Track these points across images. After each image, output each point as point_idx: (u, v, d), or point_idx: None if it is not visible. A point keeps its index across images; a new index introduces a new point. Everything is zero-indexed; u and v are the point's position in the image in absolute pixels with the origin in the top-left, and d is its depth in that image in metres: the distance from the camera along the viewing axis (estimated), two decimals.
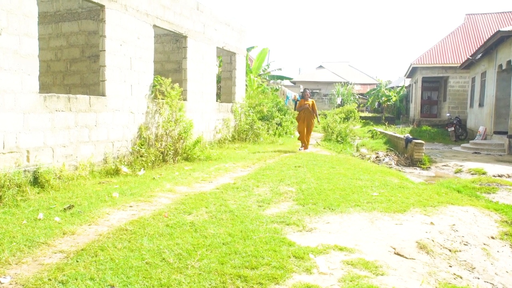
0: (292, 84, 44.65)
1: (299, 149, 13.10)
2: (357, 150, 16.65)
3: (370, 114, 41.15)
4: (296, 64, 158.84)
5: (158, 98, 10.32)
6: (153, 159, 9.33)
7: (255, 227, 5.05)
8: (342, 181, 7.90)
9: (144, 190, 7.01)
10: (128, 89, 9.31)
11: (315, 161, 10.46)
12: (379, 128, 24.42)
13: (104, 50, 8.62)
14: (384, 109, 41.88)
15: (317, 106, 12.57)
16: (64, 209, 5.64)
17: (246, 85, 19.42)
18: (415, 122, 29.00)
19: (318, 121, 13.83)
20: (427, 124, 27.80)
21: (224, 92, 16.13)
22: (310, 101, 13.04)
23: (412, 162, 13.39)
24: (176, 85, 10.57)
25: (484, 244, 5.21)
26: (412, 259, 4.37)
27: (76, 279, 3.54)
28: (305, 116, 13.00)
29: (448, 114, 24.74)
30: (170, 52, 14.61)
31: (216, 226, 5.07)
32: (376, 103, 43.61)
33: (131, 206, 6.01)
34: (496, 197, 8.01)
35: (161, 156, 9.71)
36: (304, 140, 13.17)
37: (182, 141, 10.52)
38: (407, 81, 39.09)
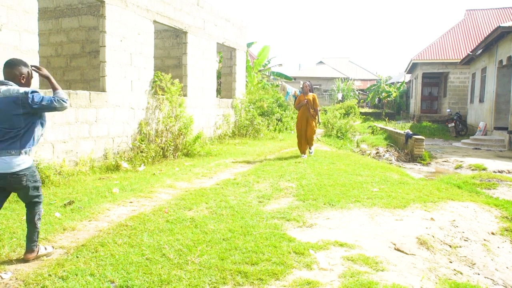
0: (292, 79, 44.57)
1: (302, 156, 10.42)
2: (357, 146, 16.66)
3: (370, 110, 41.12)
4: (296, 59, 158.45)
5: (158, 94, 10.30)
6: (154, 155, 9.33)
7: (255, 223, 5.05)
8: (343, 177, 7.90)
9: (144, 185, 7.01)
10: (128, 84, 9.29)
11: (315, 156, 10.46)
12: (379, 124, 24.41)
13: (104, 46, 8.60)
14: (384, 105, 41.86)
15: (317, 102, 10.97)
16: (64, 204, 5.65)
17: (246, 81, 19.40)
18: (415, 118, 28.97)
19: (318, 121, 10.93)
20: (427, 120, 27.78)
21: (224, 87, 16.11)
22: (310, 95, 10.52)
23: (413, 158, 13.39)
24: (176, 80, 10.56)
25: (485, 239, 5.21)
26: (413, 254, 4.37)
27: (76, 275, 3.55)
28: (304, 115, 10.50)
29: (448, 110, 24.72)
30: (170, 47, 14.57)
31: (216, 222, 5.07)
32: (376, 99, 43.60)
33: (131, 202, 6.01)
34: (496, 193, 8.01)
35: (161, 152, 9.71)
36: (302, 145, 10.57)
37: (182, 136, 10.52)
38: (407, 77, 39.02)
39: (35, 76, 6.94)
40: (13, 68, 3.72)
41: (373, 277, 3.66)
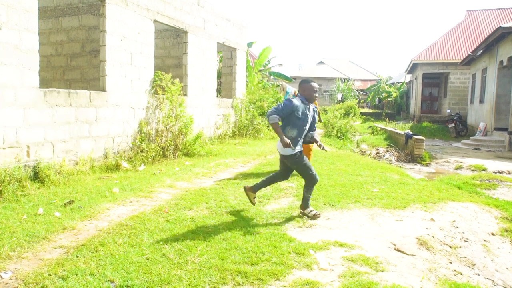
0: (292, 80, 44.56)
1: None
2: (358, 146, 16.65)
3: (371, 110, 41.11)
4: (296, 59, 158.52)
5: (159, 94, 10.30)
6: (154, 155, 9.32)
7: (256, 223, 5.05)
8: (343, 177, 7.90)
9: (144, 185, 7.00)
10: (128, 84, 9.29)
11: (315, 157, 10.45)
12: (380, 124, 24.41)
13: (105, 45, 8.60)
14: (384, 105, 41.85)
15: (317, 102, 9.05)
16: (64, 204, 5.65)
17: (247, 81, 19.39)
18: (416, 118, 28.96)
19: (320, 120, 8.98)
20: (428, 120, 27.77)
21: (224, 87, 16.11)
22: None
23: (413, 158, 13.38)
24: (177, 80, 10.55)
25: (485, 240, 5.21)
26: (413, 255, 4.37)
27: (76, 275, 3.54)
28: None
29: (448, 111, 24.71)
30: (171, 47, 14.57)
31: (216, 222, 5.07)
32: (377, 99, 43.59)
33: (131, 202, 6.01)
34: (496, 194, 8.01)
35: (161, 152, 9.71)
36: None
37: (182, 136, 10.51)
38: (408, 77, 39.01)
39: (35, 75, 6.94)
40: (300, 86, 5.32)
41: (373, 278, 3.66)
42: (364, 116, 32.71)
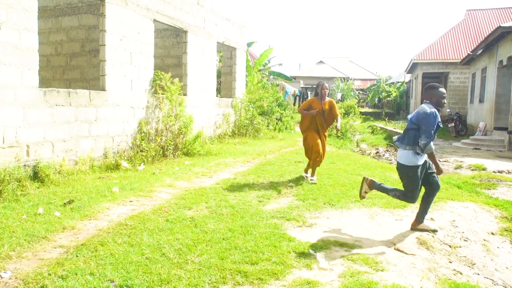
0: (292, 80, 44.54)
1: (309, 178, 7.69)
2: (357, 146, 16.66)
3: (370, 110, 41.13)
4: (296, 59, 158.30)
5: (158, 93, 10.29)
6: (153, 154, 9.32)
7: (255, 223, 5.05)
8: (342, 177, 7.90)
9: (144, 185, 7.00)
10: (128, 84, 9.28)
11: None
12: (379, 124, 24.42)
13: (104, 45, 8.59)
14: (384, 105, 41.86)
15: (336, 109, 8.03)
16: (64, 204, 5.65)
17: (247, 80, 19.38)
18: None
19: (338, 135, 7.78)
20: None
21: (224, 87, 16.10)
22: (327, 101, 7.69)
23: None
24: (176, 80, 10.54)
25: (484, 240, 5.21)
26: (412, 254, 4.37)
27: (76, 274, 3.54)
28: (314, 127, 7.73)
29: (448, 110, 24.70)
30: (171, 47, 14.56)
31: (216, 221, 5.07)
32: (376, 99, 43.61)
33: (131, 201, 6.01)
34: (496, 193, 8.01)
35: (161, 151, 9.71)
36: (317, 162, 7.72)
37: (182, 136, 10.51)
38: (408, 77, 39.01)
39: (35, 75, 6.94)
40: (427, 91, 4.88)
41: (373, 277, 3.66)
42: (364, 116, 32.71)
